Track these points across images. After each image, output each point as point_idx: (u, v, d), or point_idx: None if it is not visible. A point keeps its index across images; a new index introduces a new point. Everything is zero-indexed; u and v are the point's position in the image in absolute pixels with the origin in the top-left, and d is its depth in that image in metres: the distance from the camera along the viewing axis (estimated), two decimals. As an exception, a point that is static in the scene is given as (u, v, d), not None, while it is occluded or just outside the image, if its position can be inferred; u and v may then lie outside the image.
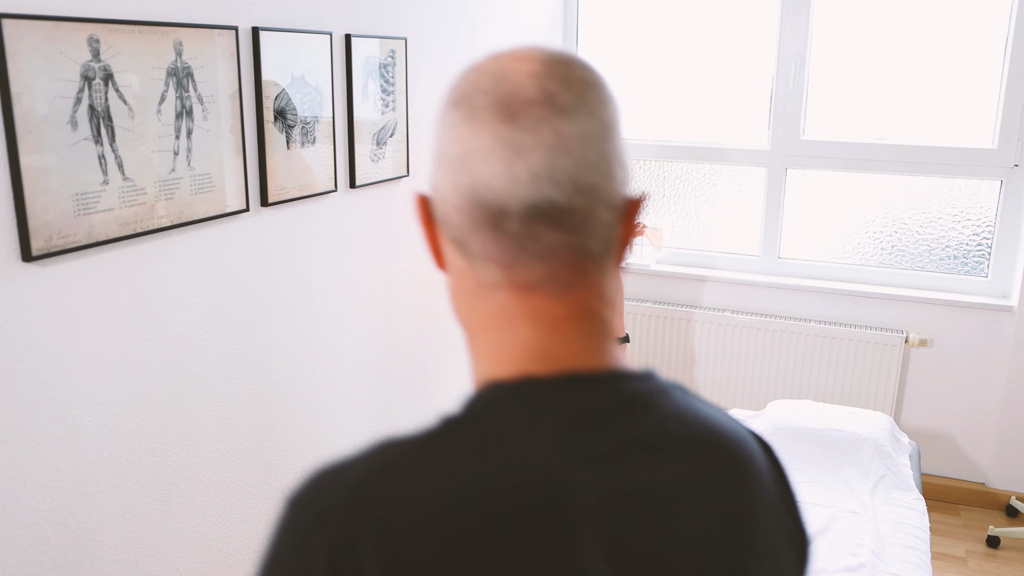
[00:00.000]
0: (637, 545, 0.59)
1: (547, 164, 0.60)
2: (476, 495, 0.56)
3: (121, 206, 1.76)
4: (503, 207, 0.61)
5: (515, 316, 0.63)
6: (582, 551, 0.57)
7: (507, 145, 0.60)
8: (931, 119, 3.49)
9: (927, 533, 2.27)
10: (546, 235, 0.61)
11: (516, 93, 0.61)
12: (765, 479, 0.68)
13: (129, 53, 1.74)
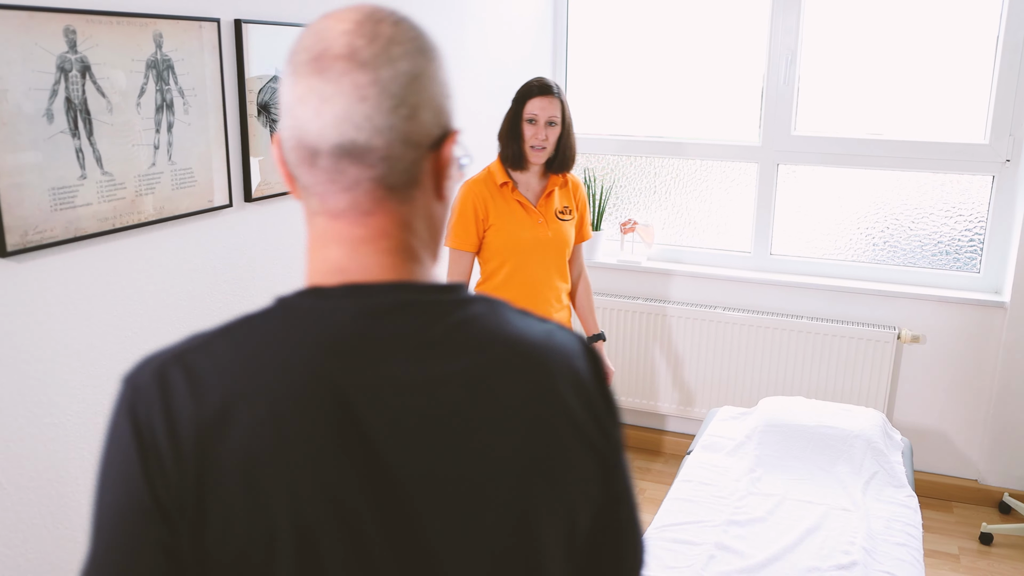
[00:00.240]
0: (399, 429, 0.69)
1: (347, 110, 0.71)
2: (253, 373, 0.69)
3: (100, 201, 1.73)
4: (316, 147, 0.72)
5: (327, 238, 0.76)
6: (332, 426, 0.68)
7: (317, 95, 0.71)
8: (923, 114, 3.47)
9: (919, 530, 2.25)
10: (350, 170, 0.73)
11: (327, 50, 0.72)
12: (565, 388, 0.76)
13: (107, 45, 1.70)
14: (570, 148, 2.51)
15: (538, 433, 0.74)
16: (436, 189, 0.78)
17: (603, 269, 3.92)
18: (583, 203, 2.67)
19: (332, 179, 0.74)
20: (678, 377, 3.81)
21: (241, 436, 0.68)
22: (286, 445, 0.68)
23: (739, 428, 2.79)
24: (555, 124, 2.43)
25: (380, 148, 0.72)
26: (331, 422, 0.69)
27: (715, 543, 2.12)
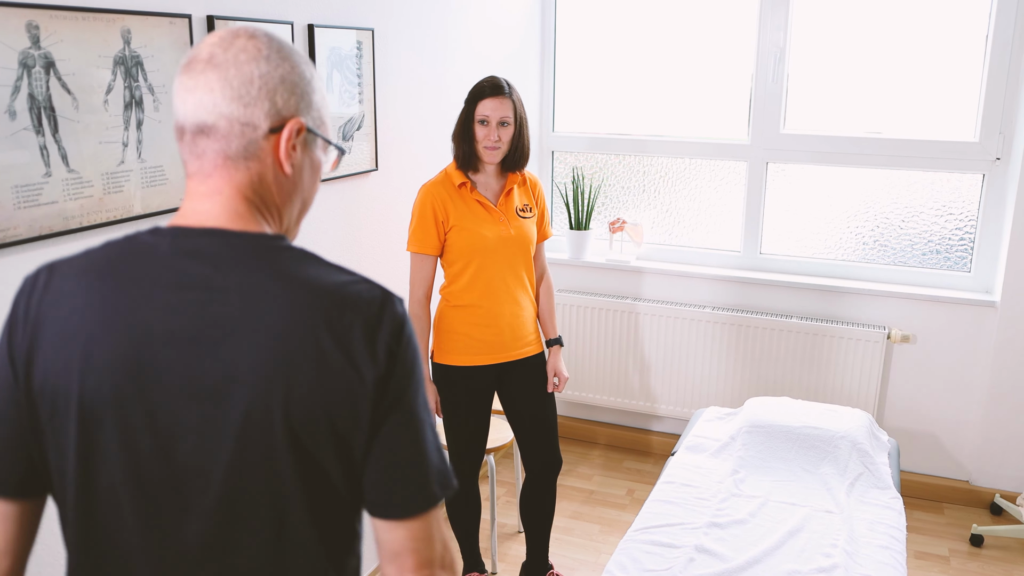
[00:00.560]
0: (165, 336, 0.92)
1: (201, 99, 0.94)
2: (89, 275, 0.95)
3: (66, 199, 1.71)
4: (183, 126, 0.97)
5: (187, 194, 0.99)
6: (155, 316, 0.93)
7: (184, 88, 0.96)
8: (913, 113, 3.44)
9: (903, 532, 2.22)
10: (201, 142, 0.96)
11: (196, 55, 0.96)
12: (319, 326, 0.91)
13: (72, 40, 1.68)
14: (524, 147, 2.49)
15: (285, 350, 0.90)
16: (276, 163, 0.98)
17: (592, 268, 3.90)
18: (543, 200, 2.65)
19: (191, 149, 0.97)
20: (667, 377, 3.78)
21: (64, 315, 0.94)
22: (90, 326, 0.93)
23: (724, 429, 2.76)
24: (508, 124, 2.41)
25: (222, 128, 0.95)
26: (122, 326, 0.93)
27: (695, 546, 2.10)
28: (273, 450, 0.91)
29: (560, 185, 4.02)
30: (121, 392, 0.92)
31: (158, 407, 0.92)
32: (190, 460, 0.92)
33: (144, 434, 0.92)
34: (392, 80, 2.77)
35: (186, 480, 0.93)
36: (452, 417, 2.58)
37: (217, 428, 0.91)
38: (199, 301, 0.92)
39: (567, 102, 3.99)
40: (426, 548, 0.97)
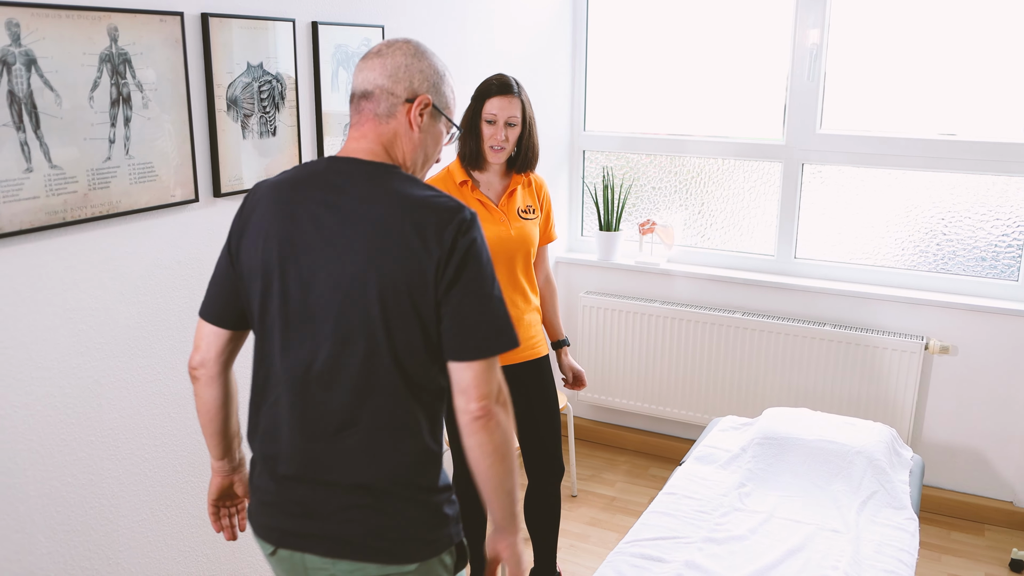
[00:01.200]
0: (311, 222, 1.37)
1: (366, 76, 1.44)
2: (277, 187, 1.43)
3: (48, 194, 1.73)
4: (353, 93, 1.46)
5: (347, 139, 1.46)
6: (307, 209, 1.39)
7: (359, 69, 1.45)
8: (958, 111, 3.26)
9: (913, 556, 2.09)
10: (362, 103, 1.44)
11: (371, 50, 1.46)
12: (407, 218, 1.34)
13: (55, 38, 1.70)
14: (532, 148, 2.44)
15: (382, 233, 1.34)
16: (408, 123, 1.44)
17: (621, 271, 3.82)
18: (548, 202, 2.58)
19: (356, 108, 1.45)
20: (694, 383, 3.68)
21: (258, 212, 1.43)
22: (269, 219, 1.40)
23: (737, 440, 2.66)
24: (515, 124, 2.35)
25: (375, 94, 1.43)
26: (284, 216, 1.39)
27: (685, 561, 2.01)
28: (367, 302, 1.33)
29: (590, 185, 3.95)
30: (283, 259, 1.38)
31: (303, 268, 1.37)
32: (318, 304, 1.36)
33: (293, 286, 1.37)
34: (405, 78, 2.75)
35: (313, 318, 1.37)
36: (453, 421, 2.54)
37: (335, 283, 1.35)
38: (334, 201, 1.37)
39: (598, 101, 3.92)
40: (485, 385, 1.36)
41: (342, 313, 1.35)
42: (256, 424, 1.48)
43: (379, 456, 1.39)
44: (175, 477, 2.12)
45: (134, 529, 2.02)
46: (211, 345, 1.51)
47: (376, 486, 1.38)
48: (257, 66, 2.19)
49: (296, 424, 1.41)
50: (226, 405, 1.57)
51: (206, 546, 2.23)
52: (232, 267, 1.47)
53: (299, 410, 1.40)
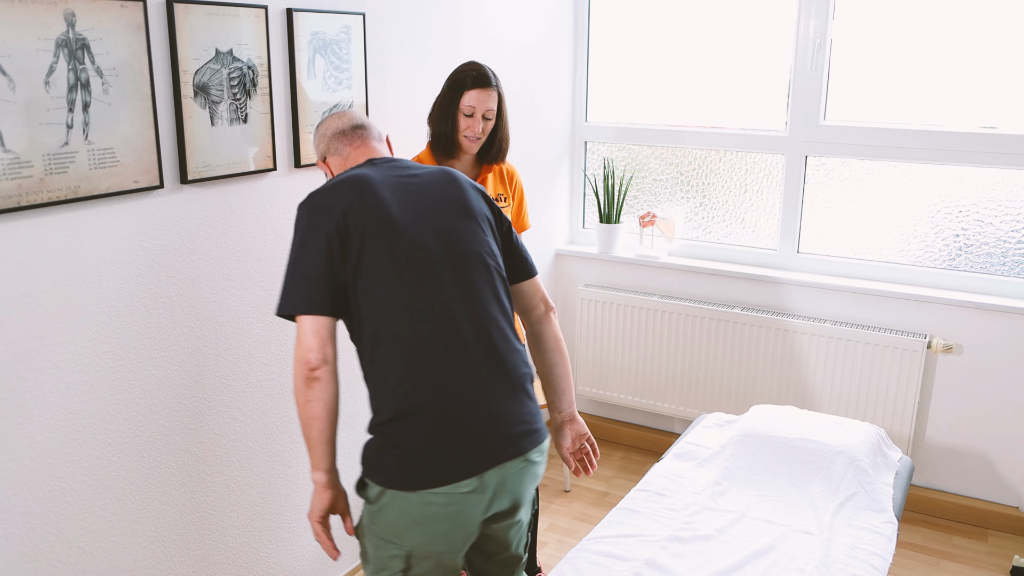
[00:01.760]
0: (401, 193, 1.79)
1: (354, 115, 2.01)
2: (344, 183, 1.79)
3: (1, 178, 1.74)
4: (349, 127, 1.98)
5: (356, 157, 1.95)
6: (377, 193, 1.76)
7: (347, 115, 2.02)
8: (966, 102, 3.15)
9: (887, 561, 2.02)
10: (359, 131, 1.96)
11: (344, 120, 2.03)
12: (467, 185, 1.88)
13: (6, 22, 1.70)
14: (504, 139, 2.43)
15: (454, 195, 1.82)
16: (389, 147, 2.00)
17: (620, 264, 3.76)
18: (520, 191, 2.55)
19: (355, 134, 1.95)
20: (691, 378, 3.61)
21: (368, 195, 1.76)
22: (367, 203, 1.74)
23: (719, 437, 2.60)
24: (491, 117, 2.35)
25: (367, 125, 2.00)
26: (388, 192, 1.77)
27: (646, 560, 1.96)
28: (478, 234, 1.79)
29: (591, 177, 3.90)
30: (404, 218, 1.74)
31: (407, 227, 1.72)
32: (431, 249, 1.73)
33: (405, 238, 1.71)
34: (389, 65, 2.72)
35: (430, 260, 1.71)
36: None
37: (440, 229, 1.76)
38: (411, 177, 1.82)
39: (600, 91, 3.86)
40: (545, 293, 1.96)
41: (455, 252, 1.74)
42: (419, 384, 1.67)
43: (518, 363, 1.78)
44: (138, 462, 2.12)
45: (96, 513, 2.03)
46: (328, 338, 1.64)
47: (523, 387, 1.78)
48: (227, 52, 2.18)
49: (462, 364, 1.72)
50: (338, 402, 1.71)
51: (173, 531, 2.24)
52: (331, 259, 1.66)
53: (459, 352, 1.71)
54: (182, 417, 2.22)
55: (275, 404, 2.50)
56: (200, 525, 2.32)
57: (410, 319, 1.68)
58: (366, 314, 1.70)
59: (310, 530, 2.68)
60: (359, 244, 1.69)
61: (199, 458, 2.29)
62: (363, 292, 1.69)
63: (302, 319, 1.64)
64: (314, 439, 1.68)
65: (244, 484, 2.44)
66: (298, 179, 2.45)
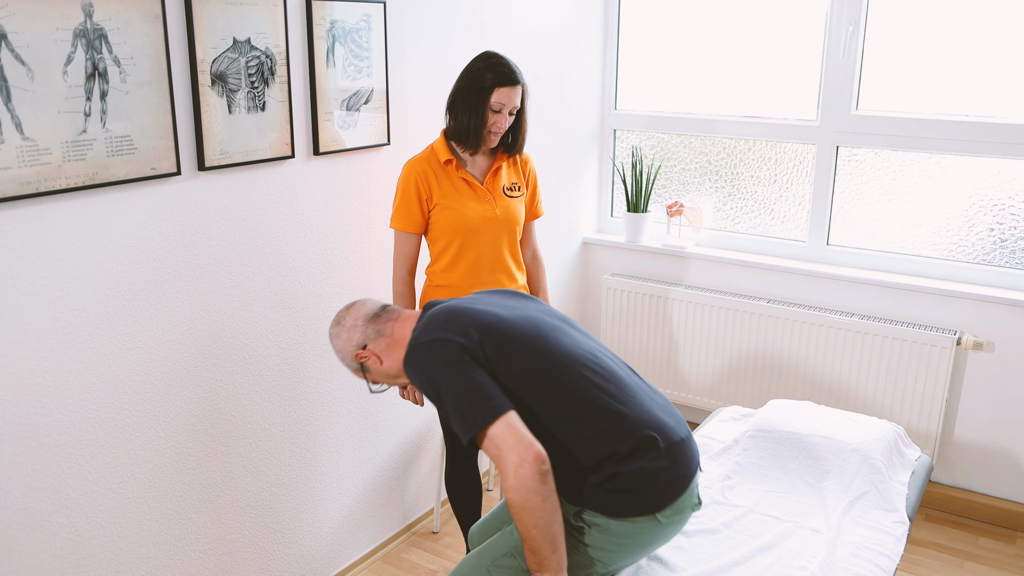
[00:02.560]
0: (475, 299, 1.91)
1: (376, 301, 2.07)
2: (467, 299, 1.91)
3: (20, 165, 1.79)
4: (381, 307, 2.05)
5: (405, 316, 1.96)
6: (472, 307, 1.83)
7: (372, 303, 2.06)
8: (1004, 92, 3.05)
9: (893, 561, 1.98)
10: (390, 309, 2.01)
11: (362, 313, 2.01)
12: None
13: (26, 13, 1.75)
14: (524, 132, 2.43)
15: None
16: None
17: (647, 253, 3.74)
18: (534, 179, 2.55)
19: (388, 314, 1.98)
20: (714, 370, 3.58)
21: (488, 308, 1.83)
22: (498, 307, 1.85)
23: (733, 430, 2.57)
24: (515, 113, 2.34)
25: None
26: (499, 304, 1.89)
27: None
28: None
29: (618, 165, 3.87)
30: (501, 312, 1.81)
31: (510, 317, 1.80)
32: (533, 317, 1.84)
33: (512, 323, 1.78)
34: (409, 53, 2.74)
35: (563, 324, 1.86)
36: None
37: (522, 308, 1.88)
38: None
39: (629, 79, 3.83)
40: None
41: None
42: (636, 423, 1.71)
43: None
44: (156, 441, 2.18)
45: (114, 490, 2.10)
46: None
47: None
48: (244, 41, 2.21)
49: (642, 393, 1.79)
50: None
51: (190, 509, 2.31)
52: (480, 365, 1.68)
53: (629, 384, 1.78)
54: (199, 399, 2.28)
55: (292, 387, 2.55)
56: (217, 504, 2.38)
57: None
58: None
59: (326, 511, 2.73)
60: (483, 350, 1.71)
61: (216, 439, 2.34)
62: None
63: (506, 421, 1.58)
64: (558, 538, 1.60)
65: (261, 465, 2.50)
66: (316, 166, 2.49)
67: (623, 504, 1.69)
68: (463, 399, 1.61)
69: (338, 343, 1.95)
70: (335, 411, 2.73)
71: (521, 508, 1.56)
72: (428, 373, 1.68)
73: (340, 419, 2.75)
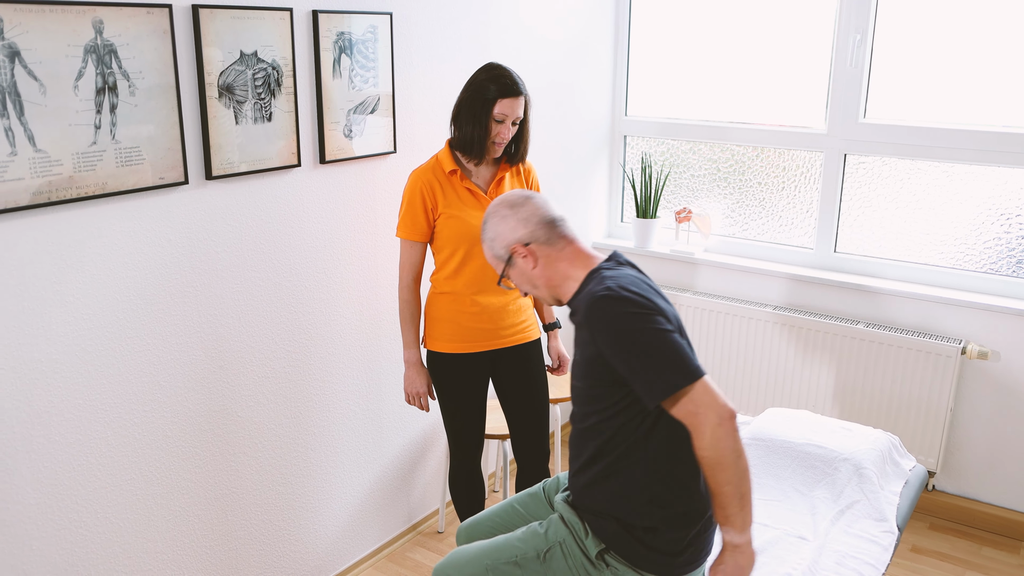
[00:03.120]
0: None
1: (552, 206, 1.99)
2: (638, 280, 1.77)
3: (32, 176, 1.87)
4: (552, 217, 1.94)
5: (581, 248, 1.93)
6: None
7: (539, 200, 1.99)
8: (1012, 101, 3.04)
9: (879, 570, 2.00)
10: (564, 224, 1.96)
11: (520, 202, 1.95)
12: None
13: (39, 31, 1.83)
14: (527, 143, 2.47)
15: None
16: None
17: (655, 259, 3.77)
18: (537, 187, 2.60)
19: (563, 227, 1.93)
20: (720, 378, 3.60)
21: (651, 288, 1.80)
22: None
23: (729, 438, 2.60)
24: (517, 122, 2.39)
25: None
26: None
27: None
28: None
29: (629, 171, 3.91)
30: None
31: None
32: None
33: None
34: (417, 63, 2.79)
35: None
36: (448, 402, 2.60)
37: None
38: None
39: (639, 86, 3.86)
40: None
41: None
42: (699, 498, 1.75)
43: None
44: (163, 441, 2.26)
45: (122, 487, 2.18)
46: None
47: None
48: (251, 54, 2.28)
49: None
50: None
51: (197, 507, 2.38)
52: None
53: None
54: (206, 400, 2.35)
55: (297, 390, 2.62)
56: (223, 502, 2.46)
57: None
58: None
59: (332, 510, 2.80)
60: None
61: (222, 439, 2.42)
62: None
63: (704, 382, 1.60)
64: (747, 495, 1.63)
65: (266, 465, 2.57)
66: (323, 174, 2.55)
67: (649, 560, 1.73)
68: (666, 357, 1.61)
69: (501, 226, 1.88)
70: (340, 413, 2.80)
71: (717, 465, 1.59)
72: (633, 321, 1.64)
73: (345, 421, 2.82)
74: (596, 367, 1.71)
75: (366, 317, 2.81)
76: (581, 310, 1.73)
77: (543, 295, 1.89)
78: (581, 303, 1.74)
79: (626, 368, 1.64)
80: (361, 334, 2.81)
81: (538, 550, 1.82)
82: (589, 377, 1.74)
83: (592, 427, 1.76)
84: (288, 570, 2.71)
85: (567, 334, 3.75)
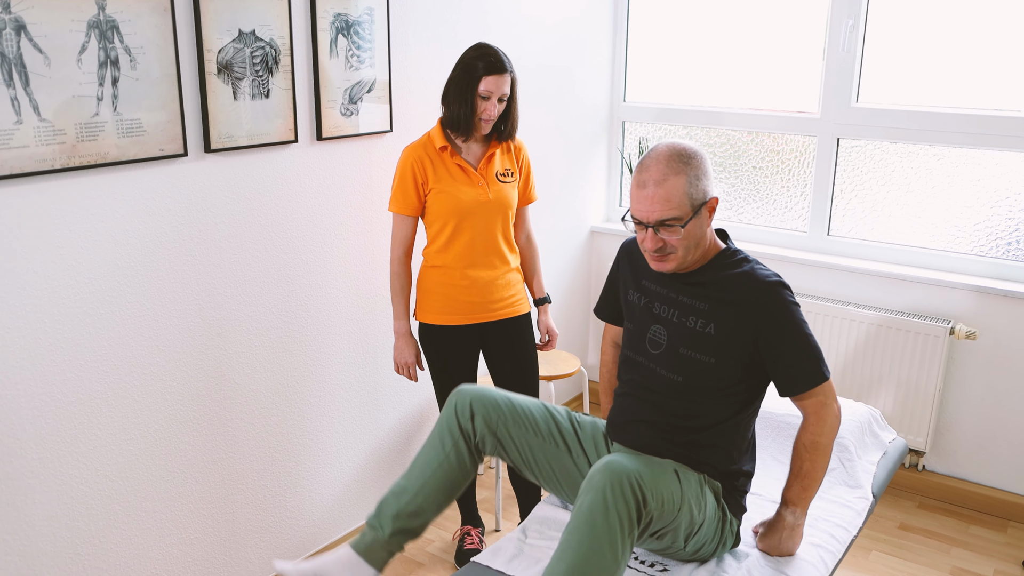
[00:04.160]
0: None
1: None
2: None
3: (37, 144, 1.97)
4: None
5: None
6: None
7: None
8: (1004, 84, 3.08)
9: (850, 533, 2.06)
10: None
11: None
12: None
13: (43, 6, 1.92)
14: (514, 120, 2.54)
15: None
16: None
17: (651, 242, 3.82)
18: (527, 165, 2.66)
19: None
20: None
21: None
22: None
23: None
24: (504, 100, 2.46)
25: None
26: None
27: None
28: None
29: (627, 156, 3.97)
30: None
31: None
32: None
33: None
34: (413, 45, 2.87)
35: None
36: (439, 373, 2.68)
37: None
38: None
39: (638, 72, 3.92)
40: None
41: None
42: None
43: None
44: (161, 403, 2.36)
45: (121, 446, 2.28)
46: None
47: None
48: (249, 33, 2.37)
49: None
50: None
51: (194, 468, 2.48)
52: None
53: None
54: (204, 365, 2.45)
55: (292, 358, 2.70)
56: (220, 465, 2.55)
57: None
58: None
59: (328, 479, 2.88)
60: None
61: (220, 404, 2.51)
62: None
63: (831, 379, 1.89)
64: (821, 481, 1.94)
65: (263, 431, 2.66)
66: (319, 150, 2.64)
67: (733, 501, 1.98)
68: (815, 353, 1.86)
69: (705, 178, 1.88)
70: (336, 384, 2.88)
71: (825, 450, 1.88)
72: (798, 313, 1.88)
73: (341, 392, 2.90)
74: (735, 347, 1.85)
75: (361, 291, 2.89)
76: (742, 290, 1.86)
77: (692, 257, 1.91)
78: (740, 283, 1.88)
79: (775, 354, 1.85)
80: (357, 307, 2.89)
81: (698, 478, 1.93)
82: (720, 353, 1.86)
83: (703, 393, 1.90)
84: (284, 535, 2.80)
85: (557, 309, 3.82)
